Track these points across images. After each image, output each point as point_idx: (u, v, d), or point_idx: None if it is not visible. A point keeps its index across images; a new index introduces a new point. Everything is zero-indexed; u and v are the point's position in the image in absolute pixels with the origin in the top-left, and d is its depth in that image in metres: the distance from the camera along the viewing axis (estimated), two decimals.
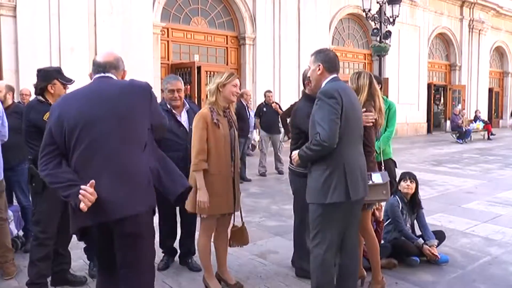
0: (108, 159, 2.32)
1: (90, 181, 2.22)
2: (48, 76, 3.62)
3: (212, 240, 3.72)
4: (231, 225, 3.75)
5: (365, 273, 3.84)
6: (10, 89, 5.16)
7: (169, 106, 4.11)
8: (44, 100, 3.58)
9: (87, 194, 2.20)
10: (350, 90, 3.20)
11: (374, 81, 3.63)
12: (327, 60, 3.13)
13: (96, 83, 2.53)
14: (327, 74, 3.12)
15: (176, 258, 4.38)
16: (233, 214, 3.69)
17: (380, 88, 5.07)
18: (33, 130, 3.47)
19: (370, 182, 3.48)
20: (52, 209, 3.54)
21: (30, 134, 3.52)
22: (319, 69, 3.12)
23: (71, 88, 3.15)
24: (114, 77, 2.57)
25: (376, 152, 4.78)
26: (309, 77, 3.85)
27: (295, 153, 3.17)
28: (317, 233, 3.06)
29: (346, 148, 2.98)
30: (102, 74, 2.55)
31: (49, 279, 3.85)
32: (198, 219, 3.76)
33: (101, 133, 2.32)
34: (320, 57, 3.15)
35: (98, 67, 2.58)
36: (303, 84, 4.06)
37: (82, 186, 2.22)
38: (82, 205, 2.20)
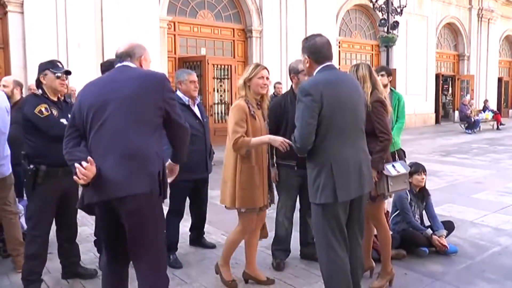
0: (113, 140, 2.44)
1: (88, 158, 2.38)
2: (40, 68, 3.62)
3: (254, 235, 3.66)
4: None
5: (373, 264, 3.85)
6: (18, 84, 5.19)
7: (186, 101, 4.13)
8: (40, 93, 3.57)
9: (80, 168, 2.35)
10: (343, 80, 2.97)
11: (373, 71, 3.61)
12: (313, 51, 2.94)
13: (113, 71, 2.69)
14: (316, 65, 2.94)
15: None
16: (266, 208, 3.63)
17: (390, 80, 5.10)
18: (27, 124, 3.47)
19: (396, 173, 3.51)
20: (43, 207, 3.54)
21: (25, 128, 3.52)
22: (307, 62, 3.00)
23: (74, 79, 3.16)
24: (131, 65, 2.67)
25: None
26: (295, 70, 3.89)
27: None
28: (318, 235, 2.94)
29: (334, 145, 2.81)
30: (119, 64, 2.68)
31: (60, 272, 3.90)
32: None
33: (108, 115, 2.46)
34: (306, 48, 2.99)
35: (116, 57, 2.73)
36: (290, 78, 4.04)
37: (81, 163, 2.36)
38: (75, 177, 2.38)
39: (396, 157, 3.95)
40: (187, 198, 4.37)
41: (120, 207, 2.43)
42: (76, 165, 2.36)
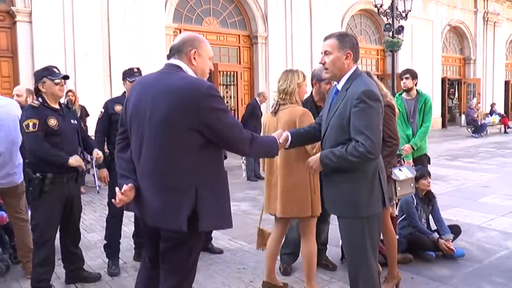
0: (149, 163, 2.25)
1: (129, 185, 2.26)
2: (38, 76, 3.64)
3: (277, 245, 3.63)
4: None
5: (380, 268, 3.85)
6: (30, 92, 5.28)
7: None
8: (37, 104, 3.54)
9: (118, 193, 2.27)
10: None
11: (372, 75, 3.62)
12: (356, 48, 2.71)
13: (159, 72, 2.36)
14: (353, 65, 2.72)
15: None
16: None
17: (416, 83, 5.11)
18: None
19: (404, 177, 3.53)
20: (49, 214, 3.58)
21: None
22: (346, 57, 2.68)
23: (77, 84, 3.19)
24: (178, 63, 2.31)
25: (413, 149, 4.86)
26: (319, 77, 3.78)
27: (315, 159, 2.72)
28: (360, 252, 2.67)
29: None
30: (167, 62, 2.36)
31: (63, 277, 3.94)
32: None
33: (144, 133, 2.25)
34: (348, 42, 2.69)
35: (169, 51, 2.40)
36: (312, 84, 3.97)
37: (120, 188, 2.27)
38: (113, 201, 2.29)
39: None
40: None
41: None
42: (117, 190, 2.27)
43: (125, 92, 4.50)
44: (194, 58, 2.34)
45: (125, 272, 4.20)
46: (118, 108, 4.27)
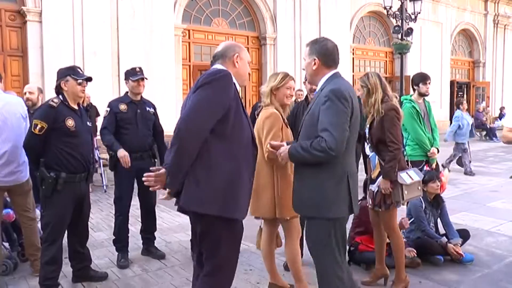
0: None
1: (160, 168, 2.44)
2: (61, 74, 3.66)
3: (269, 246, 3.64)
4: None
5: (388, 271, 3.83)
6: (41, 91, 5.38)
7: None
8: (55, 103, 3.55)
9: (150, 176, 2.42)
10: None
11: (382, 78, 3.66)
12: (324, 53, 2.75)
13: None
14: (325, 70, 2.76)
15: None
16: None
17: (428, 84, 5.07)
18: (47, 133, 3.51)
19: (411, 181, 3.52)
20: (61, 213, 3.60)
21: (44, 136, 3.55)
22: (314, 64, 2.76)
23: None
24: (220, 67, 2.58)
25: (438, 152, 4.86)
26: (305, 78, 3.86)
27: (284, 149, 2.78)
28: (324, 252, 2.72)
29: (349, 157, 2.70)
30: (212, 67, 2.63)
31: (70, 276, 3.96)
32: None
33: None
34: (315, 48, 2.78)
35: (212, 58, 2.69)
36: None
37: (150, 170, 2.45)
38: (150, 188, 2.46)
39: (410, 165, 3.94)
40: None
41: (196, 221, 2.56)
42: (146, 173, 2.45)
43: (127, 92, 4.54)
44: (237, 62, 2.62)
45: (131, 272, 4.21)
46: (122, 107, 4.39)
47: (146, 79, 4.57)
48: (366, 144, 3.86)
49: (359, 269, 4.17)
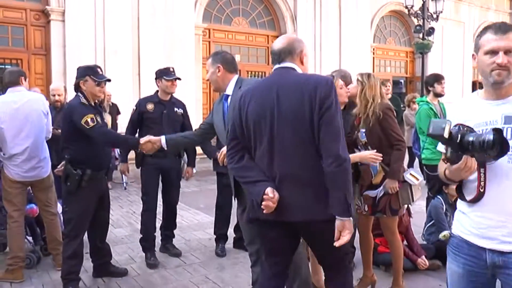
0: (283, 160, 2.26)
1: (269, 188, 2.24)
2: (81, 73, 3.71)
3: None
4: None
5: (375, 278, 3.79)
6: (65, 90, 5.51)
7: None
8: (86, 101, 3.64)
9: (269, 203, 2.23)
10: None
11: (373, 75, 3.64)
12: (226, 61, 3.12)
13: (272, 77, 2.44)
14: (229, 75, 3.11)
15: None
16: None
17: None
18: (73, 131, 3.58)
19: (417, 181, 3.46)
20: (84, 209, 3.67)
21: (70, 134, 3.64)
22: (219, 70, 3.09)
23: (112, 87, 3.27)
24: (293, 66, 2.40)
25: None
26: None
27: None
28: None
29: None
30: (278, 65, 2.42)
31: (91, 271, 4.03)
32: None
33: (273, 131, 2.27)
34: (218, 58, 3.14)
35: (273, 55, 2.45)
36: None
37: (266, 192, 2.23)
38: (265, 211, 2.25)
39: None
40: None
41: (303, 229, 2.37)
42: (266, 200, 2.22)
43: (157, 91, 4.56)
44: (304, 58, 2.48)
45: (150, 269, 4.26)
46: (149, 106, 4.41)
47: (180, 79, 4.61)
48: (359, 151, 3.53)
49: (378, 270, 4.12)
